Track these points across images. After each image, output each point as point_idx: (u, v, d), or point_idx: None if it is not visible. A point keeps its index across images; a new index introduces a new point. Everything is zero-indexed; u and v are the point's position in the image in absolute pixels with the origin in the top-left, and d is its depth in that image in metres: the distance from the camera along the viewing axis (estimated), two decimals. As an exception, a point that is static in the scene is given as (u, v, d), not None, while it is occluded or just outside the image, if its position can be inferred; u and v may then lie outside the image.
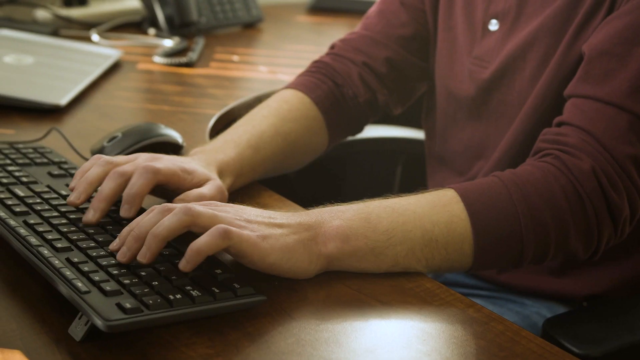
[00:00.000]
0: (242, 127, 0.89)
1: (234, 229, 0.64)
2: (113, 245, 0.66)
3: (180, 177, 0.74)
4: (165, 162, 0.74)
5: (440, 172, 1.01)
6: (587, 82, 0.79)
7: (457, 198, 0.73)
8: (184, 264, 0.63)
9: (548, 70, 0.85)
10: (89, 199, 0.72)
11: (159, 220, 0.64)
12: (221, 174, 0.81)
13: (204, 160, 0.81)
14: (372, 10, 1.03)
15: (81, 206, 0.73)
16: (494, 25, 0.91)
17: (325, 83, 0.96)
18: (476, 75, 0.92)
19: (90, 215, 0.70)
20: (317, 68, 0.98)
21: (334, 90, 0.96)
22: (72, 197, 0.72)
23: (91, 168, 0.73)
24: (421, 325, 0.66)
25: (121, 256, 0.64)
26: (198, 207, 0.65)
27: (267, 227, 0.67)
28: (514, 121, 0.88)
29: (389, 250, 0.71)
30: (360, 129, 1.02)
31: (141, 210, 0.71)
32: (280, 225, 0.68)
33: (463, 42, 0.94)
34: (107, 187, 0.71)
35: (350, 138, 1.04)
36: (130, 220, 0.69)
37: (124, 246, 0.64)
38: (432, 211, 0.72)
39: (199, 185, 0.76)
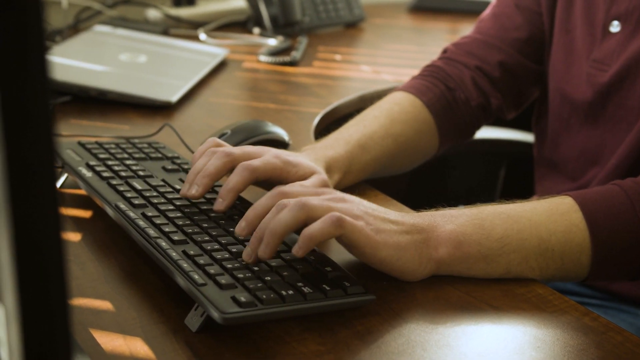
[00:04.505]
0: (354, 126, 0.89)
1: (347, 218, 0.64)
2: (238, 230, 0.67)
3: (283, 170, 0.74)
4: (267, 157, 0.74)
5: (551, 177, 0.98)
6: None
7: (576, 207, 0.71)
8: (296, 249, 0.63)
9: None
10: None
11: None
12: (329, 170, 0.81)
13: (313, 156, 0.81)
14: (486, 13, 1.01)
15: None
16: (615, 26, 0.88)
17: (437, 86, 0.95)
18: (594, 78, 0.89)
19: (194, 190, 0.73)
20: (430, 72, 0.98)
21: (446, 94, 0.95)
22: (193, 191, 0.74)
23: (204, 153, 0.75)
24: (534, 331, 0.64)
25: (247, 257, 0.65)
26: (313, 200, 0.64)
27: (382, 221, 0.66)
28: (634, 127, 0.85)
29: (501, 258, 0.69)
30: (472, 133, 1.00)
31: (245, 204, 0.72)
32: (394, 222, 0.67)
33: (581, 44, 0.91)
34: (212, 165, 0.73)
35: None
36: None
37: (249, 247, 0.65)
38: (549, 219, 0.70)
39: (304, 178, 0.75)
